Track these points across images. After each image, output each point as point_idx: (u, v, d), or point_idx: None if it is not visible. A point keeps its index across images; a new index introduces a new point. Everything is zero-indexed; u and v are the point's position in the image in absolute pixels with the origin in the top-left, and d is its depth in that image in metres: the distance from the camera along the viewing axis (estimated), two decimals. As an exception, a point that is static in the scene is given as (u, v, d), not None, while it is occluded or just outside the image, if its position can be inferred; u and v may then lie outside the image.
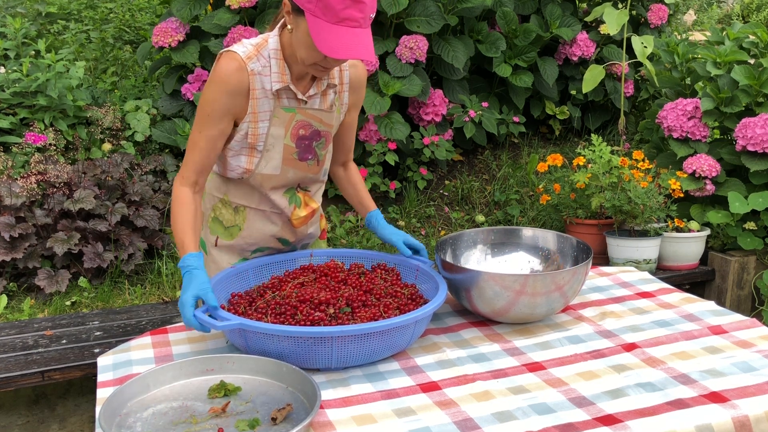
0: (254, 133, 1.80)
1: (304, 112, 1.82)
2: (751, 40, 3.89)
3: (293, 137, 1.84)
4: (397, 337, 1.61)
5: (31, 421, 2.72)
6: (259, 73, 1.75)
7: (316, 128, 1.86)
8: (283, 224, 1.98)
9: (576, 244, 1.99)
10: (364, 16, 1.61)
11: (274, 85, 1.75)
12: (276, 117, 1.80)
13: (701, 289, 3.66)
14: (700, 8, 9.20)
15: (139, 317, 2.96)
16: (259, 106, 1.77)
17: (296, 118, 1.82)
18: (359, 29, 1.61)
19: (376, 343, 1.58)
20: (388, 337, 1.59)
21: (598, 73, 3.91)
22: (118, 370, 1.63)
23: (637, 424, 1.37)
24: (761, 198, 3.42)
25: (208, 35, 4.01)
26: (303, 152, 1.87)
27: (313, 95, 1.82)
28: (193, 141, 1.79)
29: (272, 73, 1.75)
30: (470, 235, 2.10)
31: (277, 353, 1.56)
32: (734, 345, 1.72)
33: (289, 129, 1.82)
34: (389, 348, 1.63)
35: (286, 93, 1.79)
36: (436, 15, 3.95)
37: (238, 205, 1.95)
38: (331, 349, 1.55)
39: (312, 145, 1.88)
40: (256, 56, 1.75)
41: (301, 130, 1.84)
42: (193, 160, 1.78)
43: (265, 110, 1.78)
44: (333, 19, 1.58)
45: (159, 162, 3.85)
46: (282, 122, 1.81)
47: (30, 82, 3.83)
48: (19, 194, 3.29)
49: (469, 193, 4.31)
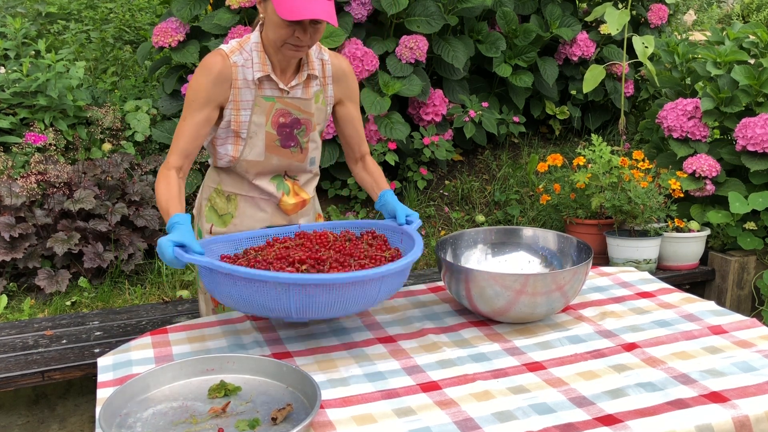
0: (236, 121, 1.93)
1: (283, 101, 1.94)
2: (751, 40, 3.89)
3: (274, 125, 1.95)
4: (362, 292, 1.59)
5: (31, 421, 2.72)
6: (241, 65, 1.89)
7: (295, 116, 1.97)
8: (273, 211, 2.07)
9: (576, 244, 1.99)
10: None
11: (255, 74, 1.89)
12: (257, 105, 1.92)
13: (701, 289, 3.66)
14: (700, 8, 9.20)
15: (139, 317, 2.96)
16: (241, 95, 1.90)
17: (276, 107, 1.94)
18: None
19: (336, 294, 1.56)
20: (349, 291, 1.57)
21: (599, 73, 3.91)
22: (118, 370, 1.63)
23: (637, 424, 1.37)
24: (761, 198, 3.42)
25: (208, 35, 4.01)
26: (285, 139, 1.98)
27: (295, 86, 1.94)
28: (178, 129, 1.91)
29: (254, 63, 1.89)
30: (470, 235, 2.11)
31: (238, 298, 1.58)
32: (734, 345, 1.72)
33: (270, 117, 1.94)
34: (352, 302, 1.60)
35: (268, 83, 1.92)
36: (436, 15, 3.95)
37: (230, 194, 2.06)
38: (288, 297, 1.54)
39: (293, 133, 1.99)
40: (239, 50, 1.90)
41: (281, 118, 1.95)
42: (177, 147, 1.90)
43: (246, 99, 1.91)
44: None
45: (159, 162, 3.85)
46: (263, 110, 1.93)
47: (30, 82, 3.83)
48: (19, 194, 3.30)
49: (469, 193, 4.31)
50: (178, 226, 1.71)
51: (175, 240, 1.65)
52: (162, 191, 1.84)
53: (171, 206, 1.80)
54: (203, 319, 1.94)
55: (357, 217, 3.95)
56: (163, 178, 1.87)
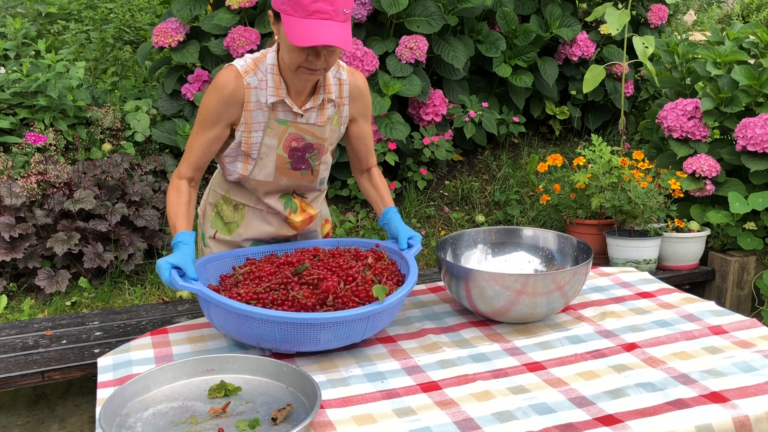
0: (247, 142, 1.90)
1: (296, 126, 1.90)
2: (751, 40, 3.89)
3: (285, 148, 1.92)
4: (347, 330, 1.61)
5: (31, 421, 2.72)
6: (255, 87, 1.84)
7: (308, 141, 1.93)
8: (279, 225, 2.06)
9: (576, 244, 1.99)
10: (335, 8, 1.66)
11: (269, 99, 1.84)
12: (270, 128, 1.88)
13: (701, 289, 3.66)
14: (700, 8, 9.20)
15: (139, 317, 2.96)
16: (252, 118, 1.87)
17: (288, 131, 1.90)
18: (331, 21, 1.67)
19: (322, 332, 1.58)
20: (336, 328, 1.58)
21: (599, 73, 3.91)
22: (118, 370, 1.63)
23: (637, 424, 1.37)
24: (761, 198, 3.42)
25: (208, 35, 4.01)
26: (296, 162, 1.95)
27: (310, 109, 1.89)
28: (191, 141, 1.90)
29: (268, 87, 1.85)
30: (471, 235, 2.11)
31: (226, 327, 1.63)
32: (734, 345, 1.72)
33: (282, 140, 1.90)
34: (338, 339, 1.62)
35: (282, 106, 1.87)
36: (436, 15, 3.95)
37: (237, 203, 2.05)
38: (273, 331, 1.56)
39: (305, 156, 1.96)
40: (253, 71, 1.84)
41: (294, 142, 1.92)
42: (189, 160, 1.90)
43: (258, 121, 1.87)
44: (303, 13, 1.66)
45: (159, 162, 3.85)
46: (276, 133, 1.89)
47: (30, 83, 3.83)
48: (19, 194, 3.29)
49: (469, 193, 4.31)
50: (181, 246, 1.72)
51: (173, 263, 1.66)
52: (172, 203, 1.86)
53: (178, 222, 1.81)
54: (203, 319, 1.94)
55: (356, 217, 3.95)
56: (174, 188, 1.88)
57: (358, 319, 1.59)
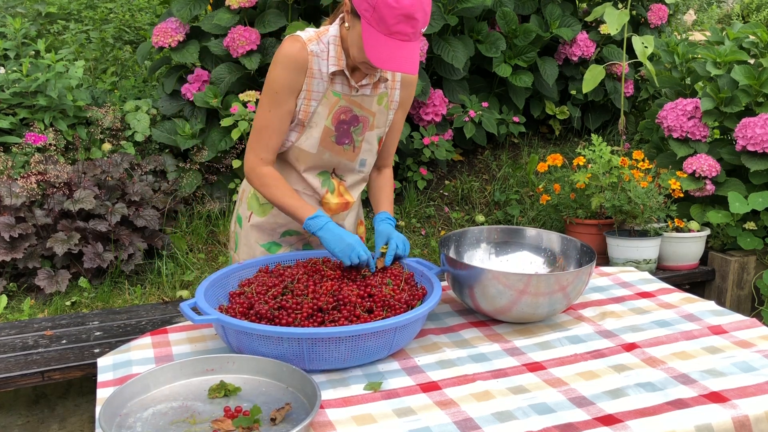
0: (306, 110, 1.89)
1: (348, 98, 1.91)
2: (751, 40, 3.89)
3: (334, 120, 1.92)
4: (367, 344, 1.58)
5: (31, 421, 2.72)
6: (317, 55, 1.85)
7: (355, 113, 1.94)
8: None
9: (580, 246, 1.99)
10: (415, 31, 1.69)
11: (330, 68, 1.85)
12: (326, 98, 1.89)
13: (701, 289, 3.66)
14: (700, 8, 9.20)
15: (139, 317, 2.96)
16: (314, 86, 1.87)
17: (339, 104, 1.90)
18: (408, 43, 1.70)
19: (344, 348, 1.55)
20: (361, 341, 1.56)
21: (598, 73, 3.91)
22: (118, 370, 1.63)
23: (637, 424, 1.37)
24: (761, 198, 3.42)
25: (208, 35, 4.01)
26: (341, 136, 1.95)
27: (365, 85, 1.91)
28: (263, 122, 1.88)
29: (329, 57, 1.85)
30: (474, 233, 2.10)
31: (241, 347, 1.60)
32: (734, 345, 1.72)
33: (332, 112, 1.91)
34: (363, 354, 1.59)
35: (339, 78, 1.89)
36: (436, 15, 3.94)
37: None
38: (301, 349, 1.54)
39: (349, 130, 1.95)
40: (316, 40, 1.86)
41: (342, 115, 1.92)
42: (268, 140, 1.88)
43: (318, 90, 1.88)
44: (385, 30, 1.67)
45: (159, 162, 3.85)
46: (328, 104, 1.90)
47: (30, 82, 3.83)
48: (19, 194, 3.29)
49: (469, 193, 4.31)
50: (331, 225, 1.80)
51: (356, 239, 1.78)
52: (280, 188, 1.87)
53: (300, 203, 1.86)
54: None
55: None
56: (269, 176, 1.88)
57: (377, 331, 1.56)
